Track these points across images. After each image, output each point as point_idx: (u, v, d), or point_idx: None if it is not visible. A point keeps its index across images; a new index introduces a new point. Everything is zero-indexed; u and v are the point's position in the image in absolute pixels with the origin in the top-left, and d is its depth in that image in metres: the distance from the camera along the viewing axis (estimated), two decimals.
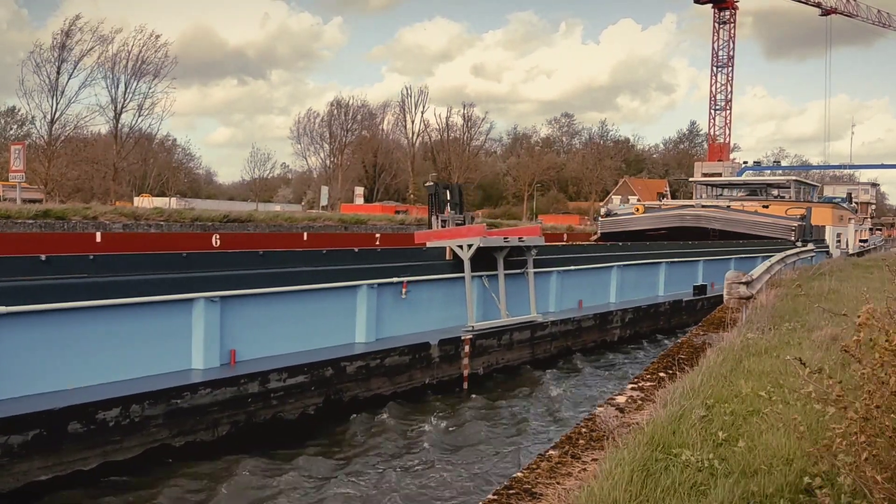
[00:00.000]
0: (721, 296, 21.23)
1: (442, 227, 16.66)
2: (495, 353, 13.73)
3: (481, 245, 13.49)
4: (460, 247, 13.60)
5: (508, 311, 14.46)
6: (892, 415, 3.27)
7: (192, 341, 9.68)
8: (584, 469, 5.08)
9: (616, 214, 35.76)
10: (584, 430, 6.06)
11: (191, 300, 9.65)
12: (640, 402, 6.99)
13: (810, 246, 32.41)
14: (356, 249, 12.48)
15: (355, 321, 11.97)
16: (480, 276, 14.27)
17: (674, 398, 6.10)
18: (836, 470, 3.52)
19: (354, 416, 10.44)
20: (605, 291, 19.32)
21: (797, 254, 26.68)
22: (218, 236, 24.16)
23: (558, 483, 4.80)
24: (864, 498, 3.27)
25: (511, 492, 4.66)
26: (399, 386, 11.57)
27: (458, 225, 16.25)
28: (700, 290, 21.93)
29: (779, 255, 22.87)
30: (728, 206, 34.46)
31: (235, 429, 9.21)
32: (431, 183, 17.98)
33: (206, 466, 8.37)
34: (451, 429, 10.41)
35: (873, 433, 3.28)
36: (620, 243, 25.40)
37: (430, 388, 12.06)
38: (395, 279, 12.56)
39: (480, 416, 11.13)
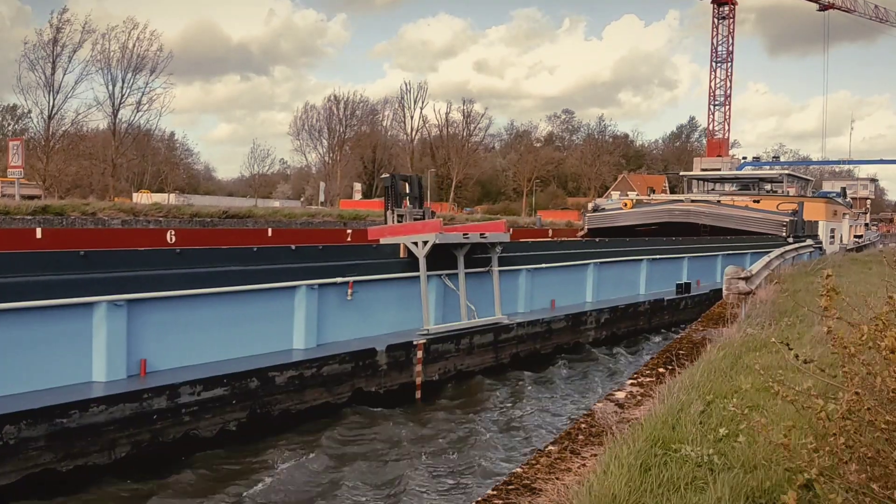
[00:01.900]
0: (708, 293, 21.00)
1: (398, 222, 15.40)
2: (453, 358, 12.69)
3: (437, 242, 12.47)
4: (415, 243, 12.60)
5: (472, 312, 13.60)
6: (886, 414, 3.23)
7: (92, 351, 8.67)
8: (584, 465, 5.08)
9: (604, 209, 35.26)
10: (583, 425, 6.06)
11: (90, 304, 8.61)
12: (639, 397, 7.00)
13: (809, 242, 32.14)
14: (293, 247, 11.42)
15: (293, 326, 10.99)
16: (440, 276, 13.33)
17: (673, 393, 6.10)
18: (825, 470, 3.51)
19: (284, 431, 9.52)
20: (581, 290, 18.31)
21: (795, 249, 26.64)
22: (173, 232, 22.71)
23: (557, 478, 4.80)
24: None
25: (510, 487, 4.66)
26: (339, 397, 10.59)
27: (416, 220, 15.08)
28: (683, 288, 21.10)
29: (777, 251, 22.92)
30: (718, 201, 34.10)
31: (137, 450, 8.18)
32: (387, 175, 16.74)
33: (97, 492, 7.55)
34: (395, 443, 9.45)
35: (856, 432, 3.25)
36: (598, 239, 24.75)
37: (376, 398, 11.09)
38: (339, 279, 11.59)
39: (431, 428, 10.19)
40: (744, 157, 62.39)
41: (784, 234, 29.28)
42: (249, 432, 9.24)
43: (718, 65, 70.16)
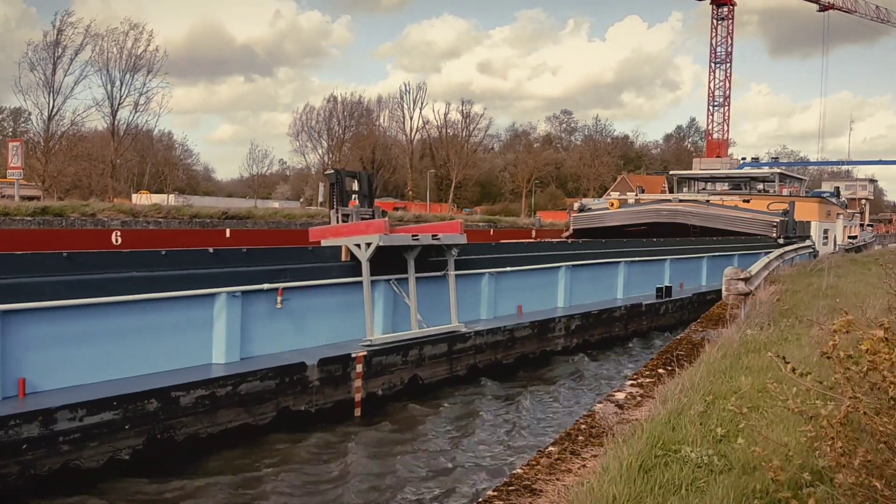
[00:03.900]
0: (691, 297, 20.62)
1: (343, 222, 14.01)
2: (399, 371, 11.59)
3: (382, 244, 11.44)
4: (358, 246, 11.59)
5: (427, 320, 12.62)
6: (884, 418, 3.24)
7: None
8: (584, 465, 5.09)
9: (590, 209, 34.58)
10: (583, 426, 6.07)
11: None
12: (639, 398, 7.01)
13: (809, 242, 31.83)
14: (211, 250, 10.24)
15: (212, 338, 9.94)
16: (388, 281, 12.33)
17: (673, 394, 6.12)
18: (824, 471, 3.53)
19: (192, 459, 8.48)
20: (552, 295, 17.11)
21: (795, 250, 26.58)
22: (119, 233, 21.17)
23: (558, 479, 4.80)
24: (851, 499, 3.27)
25: (511, 488, 4.67)
26: (261, 418, 9.54)
27: (364, 220, 13.71)
28: (664, 292, 19.95)
29: (777, 252, 22.93)
30: (707, 201, 33.48)
31: (2, 484, 7.25)
32: (332, 171, 15.23)
33: None
34: (325, 468, 8.54)
35: (853, 437, 3.26)
36: (570, 240, 23.74)
37: (307, 417, 10.03)
38: (265, 286, 10.49)
39: (367, 449, 9.26)
40: (743, 158, 62.48)
41: (774, 234, 28.56)
42: (146, 461, 8.21)
43: (718, 65, 70.40)
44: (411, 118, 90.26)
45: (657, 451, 4.65)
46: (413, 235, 12.30)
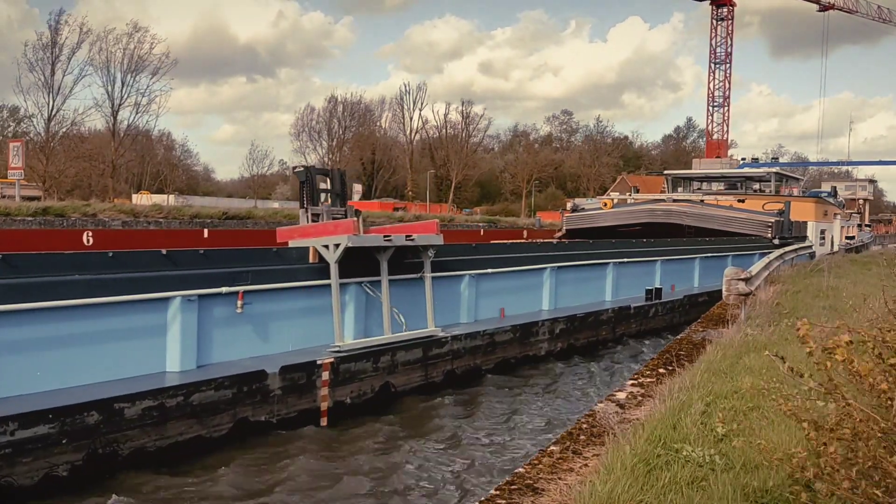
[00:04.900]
0: (682, 300, 20.45)
1: (313, 222, 13.57)
2: (370, 378, 11.09)
3: (350, 245, 10.96)
4: (326, 247, 11.13)
5: (403, 324, 12.24)
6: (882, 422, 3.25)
7: None
8: (586, 464, 5.12)
9: (583, 209, 34.23)
10: (584, 425, 6.10)
11: None
12: (640, 398, 7.04)
13: (809, 243, 31.67)
14: (164, 251, 9.63)
15: (165, 345, 9.43)
16: (360, 284, 11.92)
17: (673, 394, 6.15)
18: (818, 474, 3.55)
19: (137, 474, 7.98)
20: (537, 298, 16.59)
21: (795, 251, 26.57)
22: (90, 233, 20.61)
23: (560, 478, 4.83)
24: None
25: (513, 487, 4.70)
26: (217, 429, 9.01)
27: (335, 220, 13.30)
28: (654, 294, 19.37)
29: (776, 252, 22.96)
30: (701, 201, 32.96)
31: None
32: (301, 168, 14.36)
33: None
34: (284, 482, 8.09)
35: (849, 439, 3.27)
36: (556, 241, 23.42)
37: (267, 428, 9.49)
38: (224, 289, 9.97)
39: (332, 465, 8.72)
40: (742, 158, 62.45)
41: (769, 235, 28.10)
42: (87, 477, 7.74)
43: (717, 66, 70.54)
44: (411, 118, 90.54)
45: (658, 451, 4.68)
46: (385, 236, 11.86)
